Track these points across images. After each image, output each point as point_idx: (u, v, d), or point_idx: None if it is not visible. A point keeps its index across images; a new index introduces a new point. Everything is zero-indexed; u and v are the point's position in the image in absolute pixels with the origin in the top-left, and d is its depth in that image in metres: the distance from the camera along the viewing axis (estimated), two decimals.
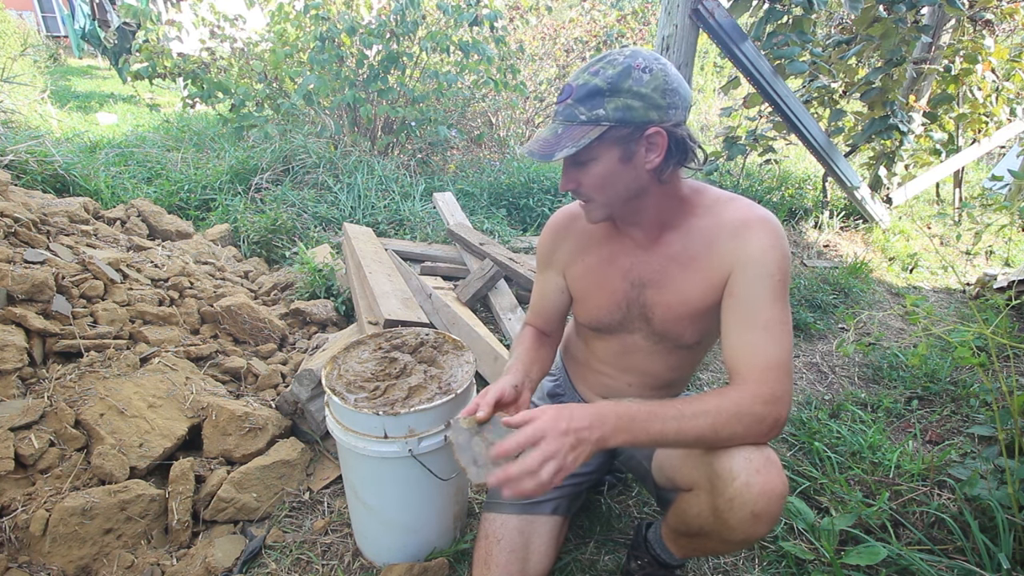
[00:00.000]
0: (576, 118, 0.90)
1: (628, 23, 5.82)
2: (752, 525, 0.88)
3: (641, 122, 0.89)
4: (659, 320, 1.09)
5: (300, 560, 1.36)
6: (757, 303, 0.93)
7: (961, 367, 2.30)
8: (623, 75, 0.87)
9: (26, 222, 1.96)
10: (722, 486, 0.90)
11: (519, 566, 1.11)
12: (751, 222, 0.96)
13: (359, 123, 4.23)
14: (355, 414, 1.13)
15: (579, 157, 0.92)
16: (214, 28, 4.59)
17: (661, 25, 2.41)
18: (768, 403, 0.88)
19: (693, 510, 0.99)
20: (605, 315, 1.14)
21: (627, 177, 0.94)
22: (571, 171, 0.96)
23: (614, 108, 0.88)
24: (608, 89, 0.88)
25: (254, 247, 2.99)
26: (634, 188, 0.96)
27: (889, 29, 3.07)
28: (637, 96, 0.87)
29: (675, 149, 0.92)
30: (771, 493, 0.86)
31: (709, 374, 2.27)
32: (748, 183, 4.07)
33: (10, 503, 1.29)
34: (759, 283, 0.93)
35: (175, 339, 1.86)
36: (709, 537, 0.98)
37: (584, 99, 0.89)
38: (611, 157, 0.92)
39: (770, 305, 0.92)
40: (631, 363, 1.18)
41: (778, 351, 0.91)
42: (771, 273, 0.93)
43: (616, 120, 0.88)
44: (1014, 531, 1.28)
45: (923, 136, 3.86)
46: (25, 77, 5.86)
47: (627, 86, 0.87)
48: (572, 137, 0.89)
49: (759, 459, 0.88)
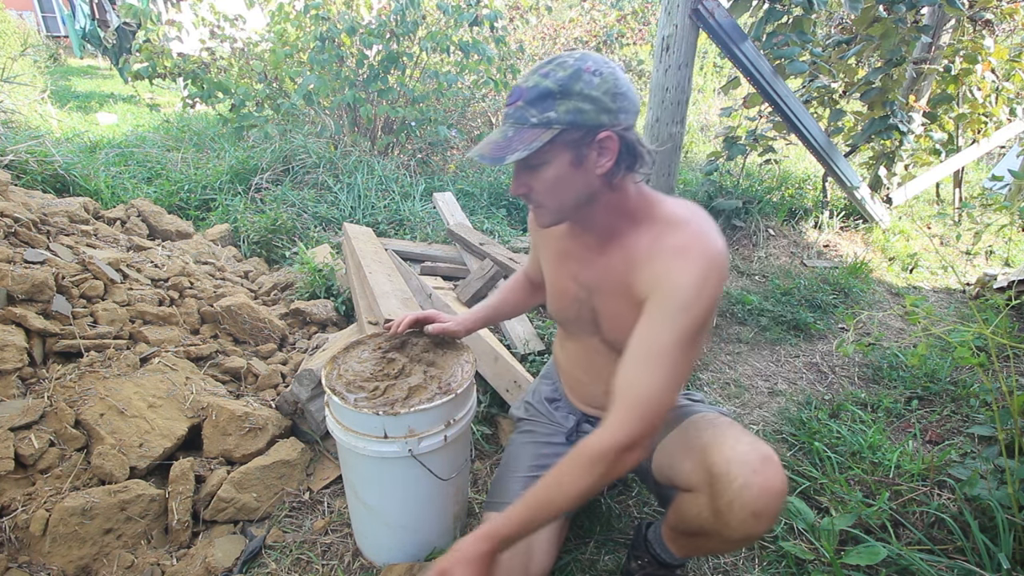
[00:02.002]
0: (527, 120, 0.88)
1: (628, 23, 5.83)
2: (753, 524, 0.88)
3: (592, 125, 0.87)
4: (607, 329, 1.09)
5: (300, 560, 1.36)
6: (654, 334, 0.89)
7: (961, 367, 2.30)
8: (574, 77, 0.86)
9: (26, 222, 1.96)
10: (721, 488, 0.89)
11: (522, 565, 1.12)
12: (687, 252, 0.90)
13: (359, 123, 4.23)
14: (355, 414, 1.13)
15: (530, 161, 0.90)
16: (214, 28, 4.59)
17: (661, 25, 2.41)
18: (623, 450, 0.87)
19: (693, 511, 0.99)
20: (559, 309, 1.17)
21: (578, 182, 0.92)
22: (522, 175, 0.94)
23: (565, 111, 0.86)
24: (559, 91, 0.86)
25: (254, 247, 2.99)
26: (585, 193, 0.94)
27: (889, 29, 3.07)
28: (588, 99, 0.86)
29: (626, 153, 0.91)
30: (770, 492, 0.86)
31: (709, 374, 2.27)
32: (748, 183, 4.07)
33: (10, 503, 1.29)
34: (664, 314, 0.89)
35: (175, 339, 1.86)
36: (709, 537, 0.98)
37: (535, 101, 0.87)
38: (562, 161, 0.90)
39: (666, 339, 0.88)
40: (598, 367, 1.18)
41: (653, 388, 0.87)
42: (681, 307, 0.88)
43: (567, 123, 0.86)
44: (1014, 531, 1.28)
45: (923, 136, 3.86)
46: (25, 77, 5.85)
47: (578, 88, 0.85)
48: (523, 140, 0.87)
49: (755, 458, 0.88)
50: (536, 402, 1.38)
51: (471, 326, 1.36)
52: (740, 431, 0.99)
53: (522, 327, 2.12)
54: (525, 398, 1.44)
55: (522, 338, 2.04)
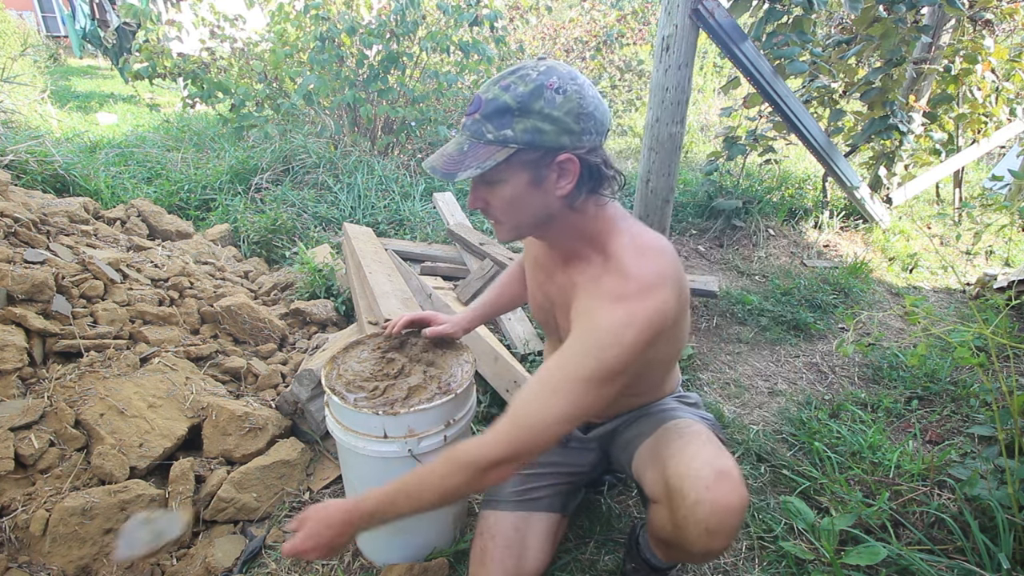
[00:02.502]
0: (483, 136, 0.83)
1: (628, 23, 5.83)
2: (708, 541, 0.87)
3: (552, 147, 0.82)
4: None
5: (300, 560, 1.36)
6: (563, 366, 0.85)
7: (961, 367, 2.30)
8: (534, 95, 0.81)
9: (26, 222, 1.96)
10: (676, 504, 0.89)
11: (514, 562, 1.11)
12: (621, 300, 0.85)
13: (359, 123, 4.23)
14: (355, 414, 1.13)
15: (486, 177, 0.86)
16: (214, 28, 4.60)
17: (661, 25, 2.41)
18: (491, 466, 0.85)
19: (659, 522, 0.99)
20: (534, 311, 1.18)
21: (536, 202, 0.88)
22: (479, 189, 0.90)
23: (523, 130, 0.81)
24: (517, 108, 0.81)
25: (254, 247, 2.99)
26: (543, 214, 0.90)
27: (889, 29, 3.07)
28: (548, 119, 0.81)
29: (588, 176, 0.86)
30: (724, 509, 0.85)
31: (709, 374, 2.27)
32: (748, 183, 4.07)
33: (10, 503, 1.29)
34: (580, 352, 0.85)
35: (175, 339, 1.86)
36: (675, 548, 0.98)
37: (492, 116, 0.82)
38: (519, 181, 0.85)
39: (574, 377, 0.84)
40: None
41: (542, 418, 0.84)
42: (599, 351, 0.83)
43: (524, 143, 0.82)
44: (1014, 531, 1.28)
45: (923, 136, 3.86)
46: (25, 77, 5.86)
47: (538, 107, 0.81)
48: (477, 156, 0.83)
49: (709, 474, 0.87)
50: None
51: (468, 325, 1.36)
52: (703, 443, 0.97)
53: (522, 327, 2.12)
54: None
55: (522, 338, 2.04)
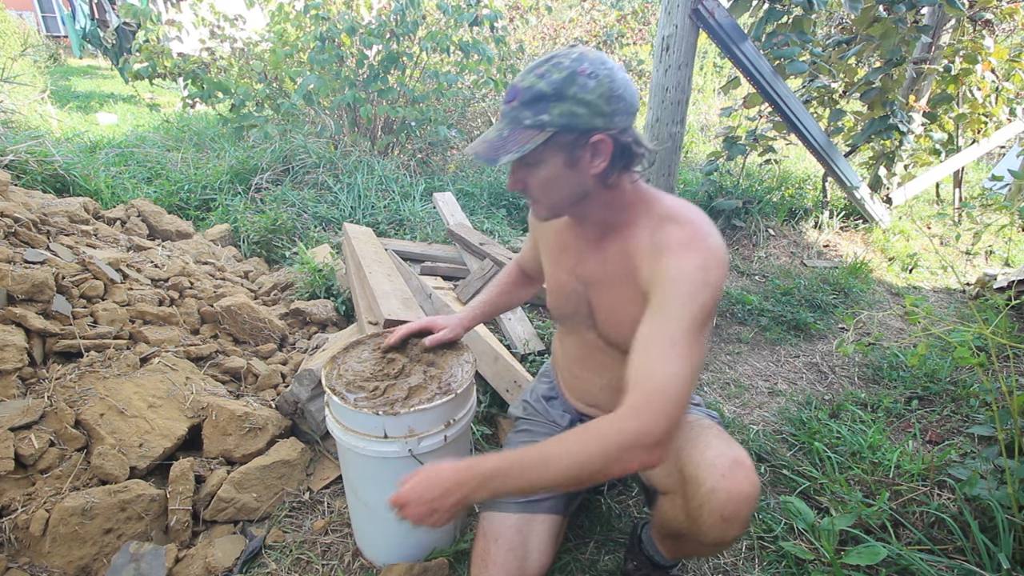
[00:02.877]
0: (521, 122, 0.89)
1: (628, 23, 5.83)
2: (723, 529, 0.88)
3: (586, 129, 0.88)
4: (602, 322, 1.09)
5: (300, 560, 1.36)
6: (665, 324, 0.87)
7: (961, 367, 2.30)
8: (568, 81, 0.86)
9: (26, 222, 1.96)
10: (691, 491, 0.90)
11: (517, 564, 1.11)
12: (688, 246, 0.90)
13: (359, 123, 4.23)
14: (355, 414, 1.13)
15: (525, 160, 0.92)
16: (214, 28, 4.59)
17: (661, 25, 2.41)
18: (640, 434, 0.80)
19: (669, 513, 1.00)
20: (558, 305, 1.17)
21: (572, 181, 0.94)
22: (518, 171, 0.96)
23: (559, 114, 0.87)
24: (553, 94, 0.86)
25: (254, 247, 2.99)
26: (579, 192, 0.96)
27: (889, 29, 3.07)
28: (582, 103, 0.86)
29: (620, 155, 0.92)
30: (739, 496, 0.86)
31: (709, 374, 2.27)
32: (748, 183, 4.07)
33: (10, 503, 1.29)
34: (673, 304, 0.87)
35: (175, 339, 1.86)
36: (687, 540, 0.99)
37: (529, 103, 0.88)
38: (556, 162, 0.92)
39: (678, 328, 0.85)
40: (597, 364, 1.19)
41: (669, 376, 0.83)
42: (689, 298, 0.86)
43: (560, 126, 0.87)
44: (1014, 531, 1.28)
45: (923, 136, 3.86)
46: (25, 77, 5.86)
47: (572, 92, 0.86)
48: (517, 141, 0.88)
49: (724, 463, 0.88)
50: (533, 400, 1.39)
51: (468, 325, 1.37)
52: (715, 435, 0.99)
53: (522, 327, 2.12)
54: (523, 397, 1.44)
55: (522, 338, 2.04)
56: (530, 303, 2.40)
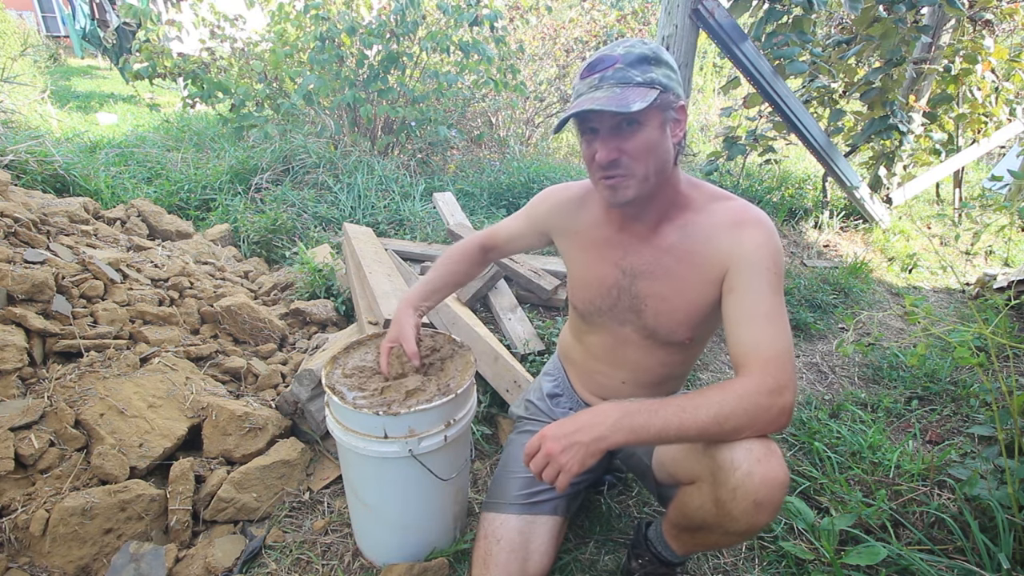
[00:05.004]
0: (631, 80, 0.92)
1: (628, 23, 5.82)
2: (755, 514, 0.88)
3: (676, 93, 0.95)
4: (651, 313, 1.10)
5: (300, 560, 1.36)
6: (757, 297, 0.95)
7: (961, 367, 2.30)
8: (659, 49, 0.95)
9: (26, 222, 1.96)
10: (724, 477, 0.90)
11: (518, 566, 1.12)
12: (747, 221, 1.00)
13: (359, 123, 4.22)
14: (355, 414, 1.13)
15: (635, 117, 0.93)
16: (214, 28, 4.59)
17: (661, 25, 2.41)
18: (772, 392, 0.88)
19: (695, 503, 0.99)
20: (590, 296, 1.17)
21: (664, 147, 0.97)
22: (613, 140, 0.96)
23: (662, 75, 0.93)
24: (653, 57, 0.93)
25: (254, 247, 2.99)
26: (665, 161, 0.98)
27: (889, 29, 3.07)
28: (672, 69, 0.95)
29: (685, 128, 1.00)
30: (773, 481, 0.87)
31: (709, 374, 2.27)
32: (748, 183, 4.07)
33: (10, 503, 1.29)
34: (757, 278, 0.96)
35: (175, 339, 1.86)
36: (711, 530, 0.98)
37: (635, 63, 0.93)
38: (655, 123, 0.95)
39: (769, 298, 0.95)
40: (623, 359, 1.18)
41: (780, 341, 0.92)
42: (768, 267, 0.96)
43: (664, 86, 0.93)
44: (1014, 531, 1.28)
45: (923, 136, 3.86)
46: (25, 77, 5.86)
47: (666, 58, 0.95)
48: (636, 95, 0.90)
49: (760, 449, 0.89)
50: (537, 399, 1.38)
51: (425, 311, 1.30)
52: None
53: (522, 327, 2.12)
54: (526, 396, 1.44)
55: (522, 338, 2.04)
56: (530, 303, 2.40)
